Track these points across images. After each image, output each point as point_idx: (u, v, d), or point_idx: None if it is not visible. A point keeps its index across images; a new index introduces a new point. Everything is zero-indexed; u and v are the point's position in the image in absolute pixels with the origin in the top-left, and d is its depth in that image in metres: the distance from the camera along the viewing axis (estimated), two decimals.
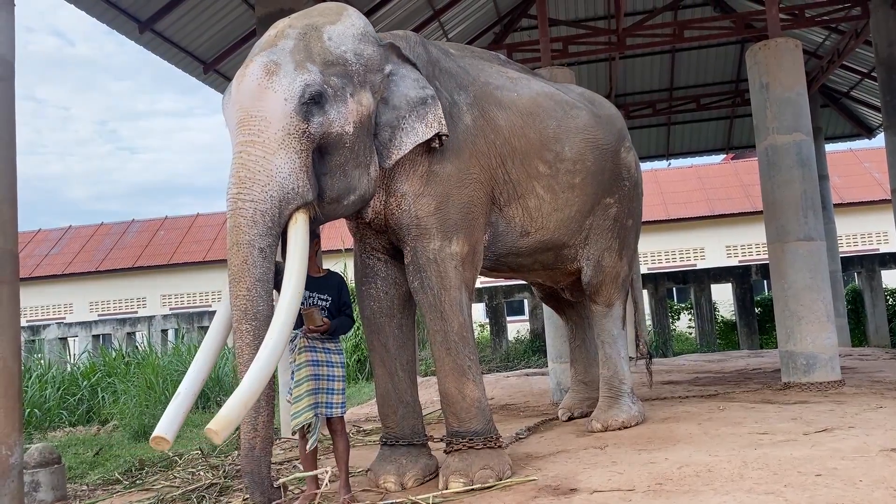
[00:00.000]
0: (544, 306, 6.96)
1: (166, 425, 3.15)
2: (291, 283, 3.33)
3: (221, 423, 2.95)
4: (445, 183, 4.03)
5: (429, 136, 3.84)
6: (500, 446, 4.12)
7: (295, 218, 3.44)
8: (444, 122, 3.87)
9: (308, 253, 3.48)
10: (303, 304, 3.56)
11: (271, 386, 3.29)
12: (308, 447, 3.79)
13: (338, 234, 16.22)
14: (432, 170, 4.00)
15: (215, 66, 9.54)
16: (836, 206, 15.73)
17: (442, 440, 4.25)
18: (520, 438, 5.15)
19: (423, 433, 4.34)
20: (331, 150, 3.56)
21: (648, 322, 15.19)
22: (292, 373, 3.76)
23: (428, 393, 9.78)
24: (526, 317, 16.60)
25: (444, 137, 3.92)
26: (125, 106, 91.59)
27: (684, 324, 17.62)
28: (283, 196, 3.36)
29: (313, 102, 3.44)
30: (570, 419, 5.76)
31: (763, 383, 7.34)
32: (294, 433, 3.87)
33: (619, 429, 5.07)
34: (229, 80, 9.84)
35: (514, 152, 4.45)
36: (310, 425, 3.73)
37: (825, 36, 12.41)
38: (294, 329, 3.52)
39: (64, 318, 23.70)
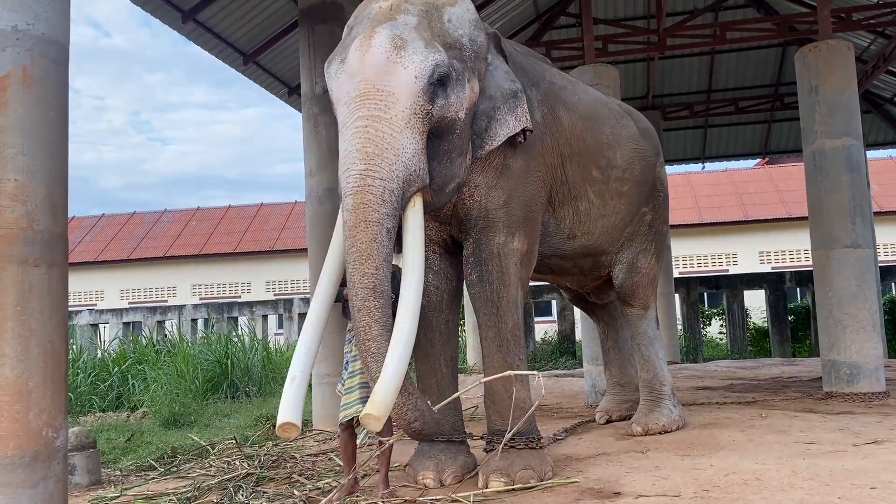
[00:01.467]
0: (575, 308, 6.88)
1: (291, 410, 3.13)
2: (416, 266, 3.30)
3: (380, 407, 2.96)
4: (515, 178, 3.98)
5: (517, 130, 3.81)
6: (541, 447, 4.06)
7: (413, 201, 3.38)
8: (528, 117, 3.84)
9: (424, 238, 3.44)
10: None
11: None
12: (359, 442, 3.75)
13: None
14: (507, 163, 3.95)
15: (255, 58, 9.56)
16: (874, 214, 15.43)
17: (481, 438, 4.20)
18: (558, 440, 5.08)
19: (463, 430, 4.29)
20: (442, 134, 3.49)
21: (679, 326, 15.02)
22: (346, 363, 3.73)
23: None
24: (554, 318, 16.49)
25: (527, 132, 3.89)
26: (158, 97, 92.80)
27: (715, 329, 17.38)
28: (406, 177, 3.29)
29: (439, 84, 3.39)
30: (608, 422, 5.68)
31: (803, 392, 7.19)
32: (341, 425, 3.82)
33: (660, 433, 4.99)
34: (269, 72, 10.05)
35: (573, 154, 4.42)
36: (357, 418, 3.67)
37: (871, 40, 12.16)
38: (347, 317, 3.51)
39: (95, 304, 24.02)
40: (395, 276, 3.45)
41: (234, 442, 6.06)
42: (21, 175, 3.35)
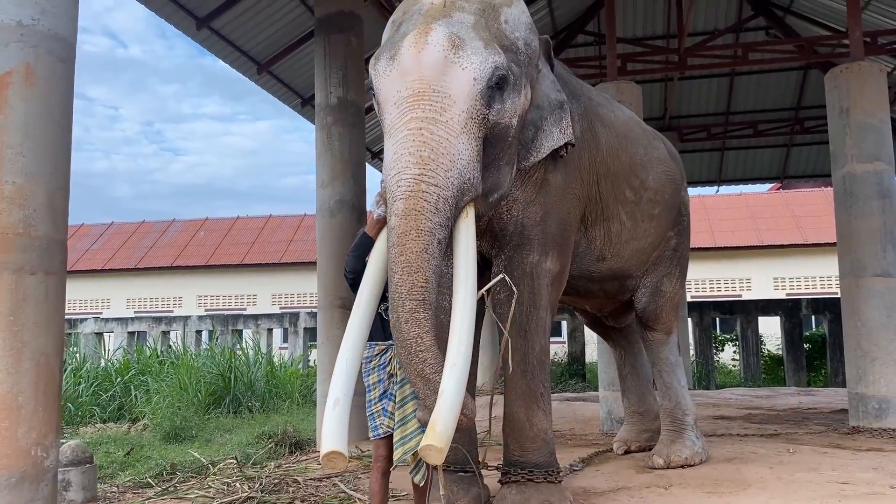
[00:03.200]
0: (586, 329, 6.66)
1: (336, 438, 2.80)
2: (469, 280, 3.01)
3: (442, 438, 2.68)
4: (554, 194, 3.80)
5: (562, 143, 3.63)
6: (559, 481, 3.82)
7: (466, 212, 3.12)
8: (572, 131, 3.66)
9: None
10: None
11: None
12: (418, 480, 3.29)
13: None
14: (546, 178, 3.77)
15: (269, 68, 9.44)
16: None
17: (496, 468, 3.97)
18: (574, 470, 4.84)
19: (477, 459, 4.05)
20: (494, 141, 3.25)
21: (692, 352, 14.74)
22: (389, 391, 3.29)
23: None
24: (564, 339, 16.23)
25: (570, 146, 3.70)
26: (171, 108, 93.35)
27: (727, 356, 17.07)
28: (461, 185, 3.03)
29: (497, 87, 3.17)
30: (626, 452, 5.43)
31: (827, 425, 6.92)
32: (404, 464, 3.27)
33: (682, 466, 4.75)
34: (282, 82, 9.91)
35: (609, 172, 4.26)
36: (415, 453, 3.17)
37: (895, 65, 11.95)
38: (373, 340, 3.24)
39: (101, 313, 23.88)
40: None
41: (234, 461, 5.84)
42: (20, 177, 3.18)
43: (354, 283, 3.20)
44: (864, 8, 10.60)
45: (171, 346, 15.49)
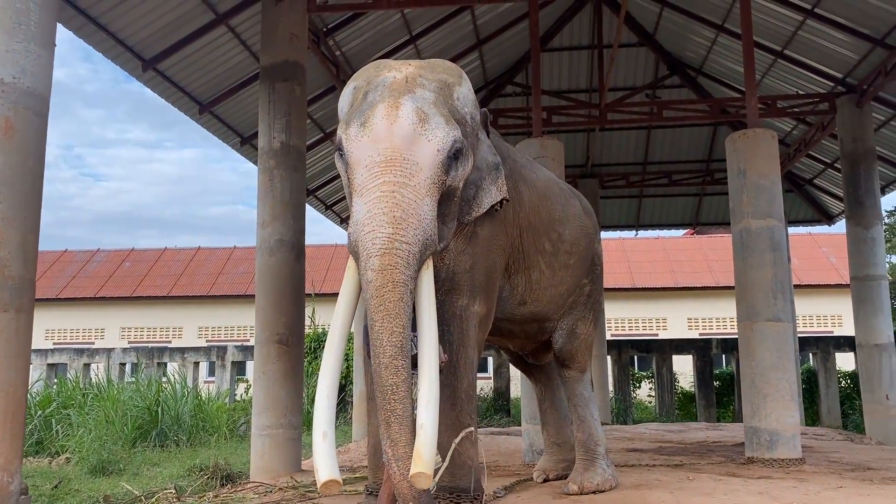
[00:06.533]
0: (511, 366, 7.12)
1: (331, 468, 3.14)
2: (431, 325, 3.44)
3: (428, 464, 3.07)
4: (481, 245, 4.25)
5: (497, 200, 4.10)
6: None
7: (427, 264, 3.55)
8: (506, 189, 4.14)
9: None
10: None
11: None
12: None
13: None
14: (475, 231, 4.22)
15: (211, 108, 9.72)
16: (794, 286, 16.31)
17: None
18: (497, 497, 5.25)
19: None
20: (445, 200, 3.71)
21: (610, 388, 15.39)
22: None
23: (359, 447, 9.79)
24: (489, 374, 16.71)
25: (505, 202, 4.17)
26: (94, 133, 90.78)
27: (644, 392, 17.89)
28: (425, 241, 3.44)
29: (454, 157, 3.63)
30: (545, 480, 5.87)
31: (726, 457, 7.55)
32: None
33: (594, 492, 5.21)
34: (223, 122, 10.21)
35: (530, 226, 4.75)
36: None
37: (793, 126, 13.08)
38: None
39: None
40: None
41: (171, 491, 6.01)
42: None
43: None
44: (764, 75, 11.68)
45: (92, 379, 15.22)
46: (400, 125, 3.49)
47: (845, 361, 16.14)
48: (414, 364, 3.51)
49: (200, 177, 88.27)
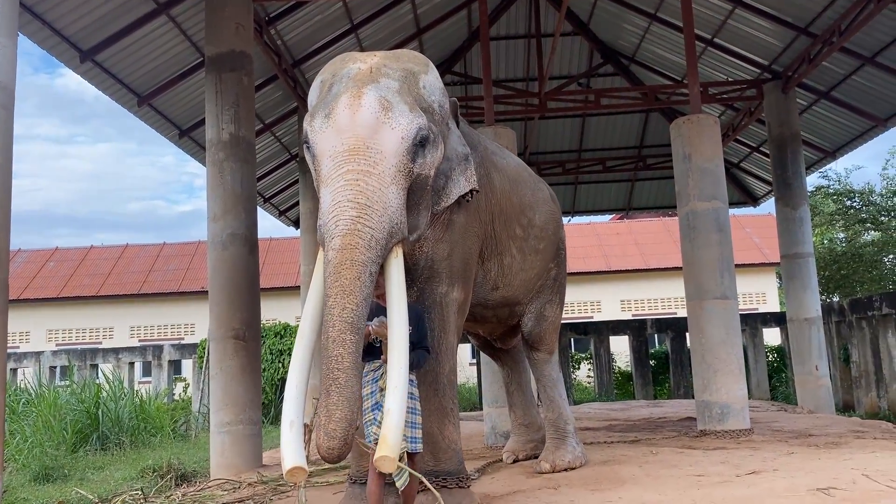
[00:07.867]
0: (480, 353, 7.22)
1: (297, 455, 3.11)
2: (401, 311, 3.44)
3: (393, 448, 3.10)
4: (458, 232, 4.30)
5: (467, 190, 4.13)
6: (469, 486, 4.31)
7: (396, 251, 3.56)
8: (475, 179, 4.18)
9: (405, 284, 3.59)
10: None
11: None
12: (400, 485, 3.57)
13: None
14: (452, 219, 4.26)
15: (149, 100, 9.45)
16: None
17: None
18: (472, 479, 5.33)
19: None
20: (415, 190, 3.73)
21: None
22: (380, 402, 3.58)
23: None
24: None
25: (475, 192, 4.20)
26: None
27: (583, 373, 18.31)
28: (391, 228, 3.46)
29: (420, 145, 3.64)
30: (515, 461, 6.00)
31: (677, 431, 7.84)
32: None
33: (566, 469, 5.36)
34: (162, 114, 9.93)
35: (502, 213, 4.83)
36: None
37: (721, 111, 13.59)
38: (368, 359, 3.60)
39: None
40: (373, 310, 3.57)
41: (137, 493, 5.87)
42: None
43: None
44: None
45: (19, 384, 14.63)
46: (362, 114, 3.52)
47: (771, 337, 16.93)
48: (366, 351, 3.55)
49: (117, 172, 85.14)
